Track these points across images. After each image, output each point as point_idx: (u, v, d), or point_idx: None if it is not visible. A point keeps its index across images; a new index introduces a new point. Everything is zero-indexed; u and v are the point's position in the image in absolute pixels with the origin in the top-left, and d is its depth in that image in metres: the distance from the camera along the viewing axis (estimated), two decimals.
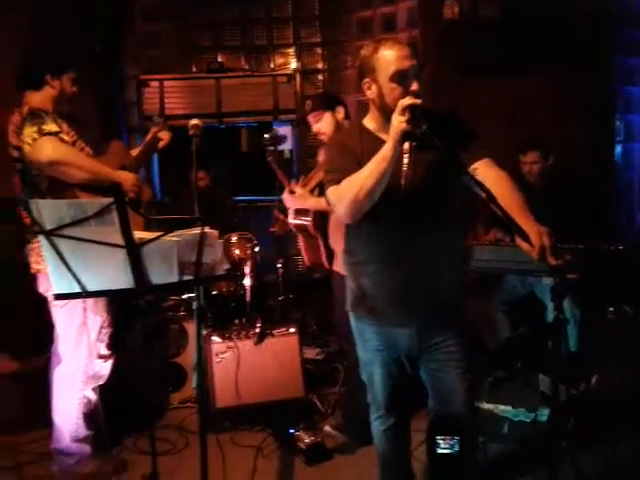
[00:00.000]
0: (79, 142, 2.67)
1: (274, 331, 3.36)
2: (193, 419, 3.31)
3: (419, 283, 2.00)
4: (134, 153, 2.94)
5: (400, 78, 1.88)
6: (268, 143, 3.29)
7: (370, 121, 2.05)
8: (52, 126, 2.48)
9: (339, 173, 1.96)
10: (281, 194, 3.25)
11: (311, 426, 3.15)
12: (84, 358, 2.72)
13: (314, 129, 3.01)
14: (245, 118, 5.11)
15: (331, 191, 1.99)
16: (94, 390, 2.81)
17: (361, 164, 1.90)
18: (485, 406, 3.11)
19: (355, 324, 2.19)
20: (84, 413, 2.78)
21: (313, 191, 3.06)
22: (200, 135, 2.16)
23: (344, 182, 1.93)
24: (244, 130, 5.22)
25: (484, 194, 1.75)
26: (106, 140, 2.94)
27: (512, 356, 3.37)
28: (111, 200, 1.61)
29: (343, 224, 2.13)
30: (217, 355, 3.25)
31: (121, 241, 1.66)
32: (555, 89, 4.03)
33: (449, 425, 2.04)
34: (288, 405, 3.26)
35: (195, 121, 2.19)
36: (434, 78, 1.86)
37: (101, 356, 2.79)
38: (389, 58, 1.89)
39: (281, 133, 3.83)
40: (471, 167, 1.92)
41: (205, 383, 3.06)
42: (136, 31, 4.96)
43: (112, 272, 1.67)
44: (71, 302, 2.58)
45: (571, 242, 2.84)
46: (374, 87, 1.95)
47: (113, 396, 2.90)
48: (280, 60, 5.10)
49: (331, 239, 3.06)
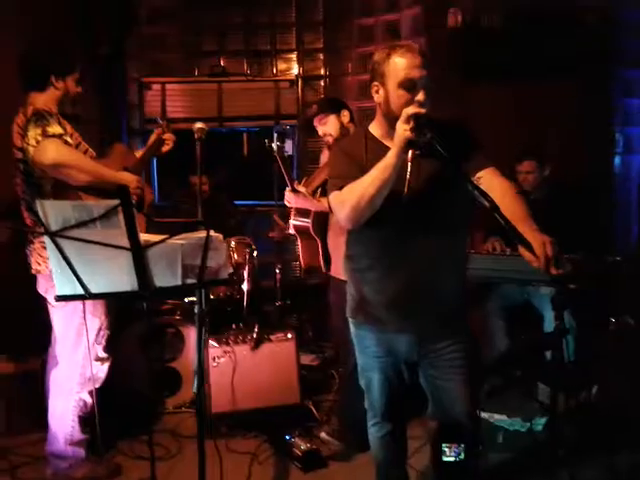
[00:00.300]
0: (82, 144, 2.67)
1: (272, 337, 3.35)
2: (188, 424, 3.30)
3: (420, 290, 2.00)
4: (138, 155, 2.95)
5: (408, 86, 1.89)
6: (275, 138, 3.30)
7: (375, 127, 2.06)
8: (56, 128, 2.48)
9: (342, 179, 1.97)
10: (281, 199, 3.26)
11: (307, 433, 3.14)
12: (81, 360, 2.71)
13: (320, 132, 3.08)
14: (246, 122, 5.12)
15: (333, 196, 2.00)
16: (90, 393, 2.79)
17: (364, 171, 1.91)
18: (480, 415, 3.11)
19: (355, 330, 2.19)
20: (79, 416, 2.77)
21: (315, 192, 3.08)
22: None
23: (346, 188, 1.93)
24: (245, 134, 5.22)
25: (487, 203, 1.75)
26: (107, 142, 2.94)
27: (512, 365, 3.37)
28: (117, 202, 1.61)
29: (344, 230, 2.14)
30: (214, 360, 3.24)
31: (126, 243, 1.65)
32: (556, 99, 4.06)
33: (453, 433, 2.04)
34: (284, 411, 3.25)
35: (200, 124, 2.20)
36: (437, 86, 1.88)
37: (98, 359, 2.77)
38: (400, 65, 1.90)
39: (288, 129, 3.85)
40: (475, 176, 1.93)
41: (203, 388, 3.04)
42: (140, 33, 4.95)
43: (116, 275, 1.67)
44: (71, 304, 2.57)
45: (569, 252, 2.85)
46: (382, 91, 1.96)
47: (107, 400, 2.88)
48: (282, 65, 5.10)
49: (330, 243, 3.08)
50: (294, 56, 5.08)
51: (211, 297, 3.76)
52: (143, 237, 1.68)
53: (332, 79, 5.04)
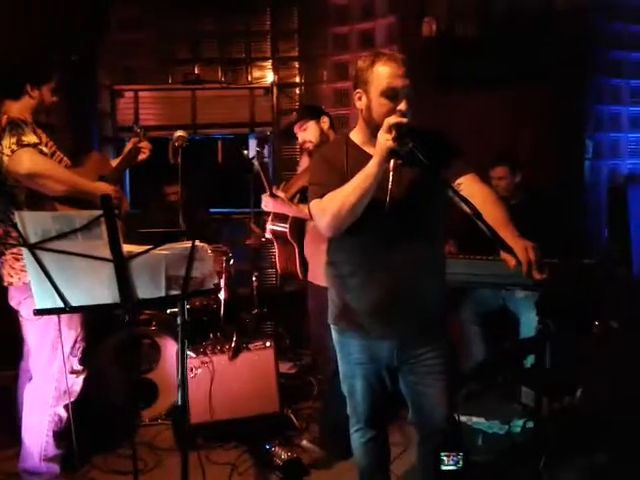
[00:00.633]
0: (57, 153, 2.63)
1: (250, 345, 3.32)
2: (165, 436, 3.25)
3: (402, 297, 2.01)
4: (114, 164, 2.90)
5: (391, 95, 1.90)
6: (255, 144, 3.31)
7: (357, 133, 2.07)
8: (31, 137, 2.44)
9: (323, 187, 1.97)
10: (257, 206, 3.26)
11: (287, 442, 3.12)
12: (57, 374, 2.64)
13: (300, 138, 3.09)
14: (221, 130, 5.08)
15: (314, 204, 2.00)
16: (65, 407, 2.73)
17: (345, 179, 1.91)
18: (459, 418, 3.12)
19: (336, 337, 2.18)
20: (54, 431, 2.70)
21: (293, 198, 3.08)
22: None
23: (327, 196, 1.94)
24: (220, 142, 5.18)
25: (469, 210, 1.77)
26: (80, 150, 2.89)
27: (493, 371, 3.40)
28: (100, 213, 1.58)
29: (324, 236, 2.14)
30: (191, 370, 3.19)
31: (109, 255, 1.62)
32: (529, 106, 4.14)
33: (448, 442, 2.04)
34: (263, 420, 3.22)
35: (181, 132, 2.18)
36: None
37: (74, 371, 2.71)
38: (383, 74, 1.91)
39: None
40: (455, 182, 1.95)
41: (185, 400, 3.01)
42: (112, 41, 4.88)
43: (97, 287, 1.63)
44: (45, 316, 2.51)
45: (547, 257, 2.89)
46: (364, 99, 1.97)
47: (82, 412, 2.82)
48: (257, 73, 5.09)
49: (306, 250, 3.07)
50: (269, 64, 5.07)
51: (187, 307, 3.71)
52: (126, 248, 1.65)
53: (307, 87, 5.05)
